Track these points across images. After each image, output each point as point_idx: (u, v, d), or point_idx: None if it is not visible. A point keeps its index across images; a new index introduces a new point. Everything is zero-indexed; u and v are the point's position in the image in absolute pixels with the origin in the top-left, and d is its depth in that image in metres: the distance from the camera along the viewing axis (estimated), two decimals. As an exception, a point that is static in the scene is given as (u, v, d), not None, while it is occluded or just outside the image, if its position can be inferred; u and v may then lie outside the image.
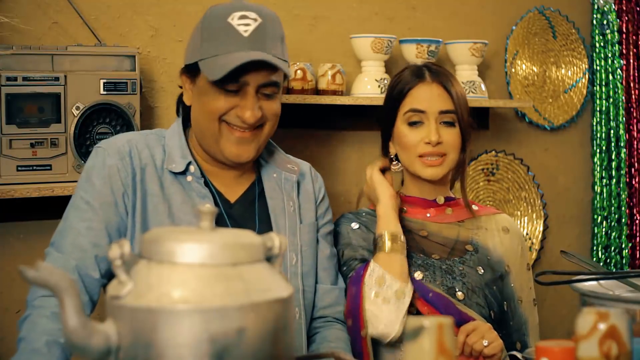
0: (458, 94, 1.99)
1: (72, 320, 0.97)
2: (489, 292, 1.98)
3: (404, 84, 2.02)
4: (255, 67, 1.74)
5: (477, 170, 3.17)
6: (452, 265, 1.99)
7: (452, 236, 2.04)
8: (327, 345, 1.86)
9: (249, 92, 1.77)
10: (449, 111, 1.98)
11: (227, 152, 1.81)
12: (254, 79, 1.76)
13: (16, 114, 2.18)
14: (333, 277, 1.98)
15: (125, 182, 1.77)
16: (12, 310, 2.31)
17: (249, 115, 1.76)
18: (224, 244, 1.01)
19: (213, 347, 0.96)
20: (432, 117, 1.98)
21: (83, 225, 1.73)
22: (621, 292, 1.46)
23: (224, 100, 1.77)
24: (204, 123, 1.81)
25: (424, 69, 2.03)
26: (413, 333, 0.99)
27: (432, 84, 2.00)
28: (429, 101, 1.99)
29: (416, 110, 1.99)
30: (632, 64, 3.39)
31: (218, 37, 1.76)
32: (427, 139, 1.97)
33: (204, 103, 1.79)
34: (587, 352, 1.05)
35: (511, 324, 2.03)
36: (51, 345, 1.60)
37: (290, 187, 1.93)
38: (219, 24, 1.77)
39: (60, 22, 2.40)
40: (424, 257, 2.00)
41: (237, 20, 1.76)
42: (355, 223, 2.07)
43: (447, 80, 2.00)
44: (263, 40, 1.76)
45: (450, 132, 1.99)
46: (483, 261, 2.01)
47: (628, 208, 3.39)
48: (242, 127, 1.79)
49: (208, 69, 1.75)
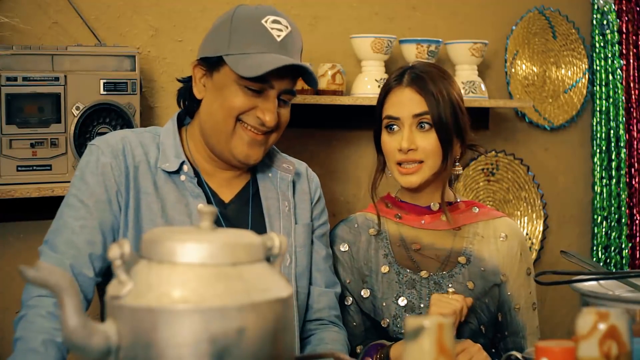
0: (437, 94, 1.92)
1: (72, 320, 0.97)
2: (478, 307, 1.95)
3: (384, 88, 2.00)
4: (282, 73, 1.76)
5: (477, 170, 3.17)
6: (441, 280, 1.96)
7: (446, 246, 2.00)
8: (325, 347, 1.85)
9: (272, 96, 1.79)
10: (423, 113, 1.92)
11: (237, 152, 1.81)
12: (279, 84, 1.78)
13: (16, 114, 2.18)
14: (328, 279, 1.97)
15: (119, 180, 1.77)
16: (12, 310, 2.31)
17: (270, 119, 1.78)
18: (224, 244, 1.01)
19: (213, 347, 0.96)
20: (406, 122, 1.93)
21: (77, 224, 1.73)
22: (621, 292, 1.46)
23: (245, 99, 1.78)
24: (218, 118, 1.80)
25: (405, 72, 1.98)
26: (413, 333, 0.99)
27: (406, 88, 1.95)
28: (402, 106, 1.94)
29: (390, 117, 1.96)
30: (632, 64, 3.39)
31: (251, 36, 1.77)
32: (399, 146, 1.93)
33: (223, 98, 1.79)
34: (587, 352, 1.05)
35: (506, 333, 2.02)
36: (48, 344, 1.60)
37: (286, 186, 1.92)
38: (251, 24, 1.78)
39: (60, 22, 2.40)
40: (411, 273, 1.97)
41: (271, 24, 1.78)
42: (344, 244, 2.05)
43: (425, 82, 1.93)
44: (291, 48, 1.80)
45: (426, 136, 1.93)
46: (474, 274, 1.97)
47: (628, 208, 3.39)
48: (258, 129, 1.79)
49: (238, 65, 1.75)
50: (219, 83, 1.80)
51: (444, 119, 1.92)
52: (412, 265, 1.98)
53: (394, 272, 1.97)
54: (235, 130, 1.80)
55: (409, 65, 2.03)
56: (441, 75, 1.98)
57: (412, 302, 1.94)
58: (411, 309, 1.94)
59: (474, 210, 2.07)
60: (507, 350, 1.99)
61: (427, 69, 1.99)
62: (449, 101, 1.94)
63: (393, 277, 1.97)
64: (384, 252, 2.01)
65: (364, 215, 2.09)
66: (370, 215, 2.08)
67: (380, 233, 2.04)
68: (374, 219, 2.06)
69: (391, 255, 2.01)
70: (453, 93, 1.96)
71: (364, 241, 2.03)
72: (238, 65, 1.75)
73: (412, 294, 1.94)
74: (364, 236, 2.04)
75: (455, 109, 1.95)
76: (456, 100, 1.96)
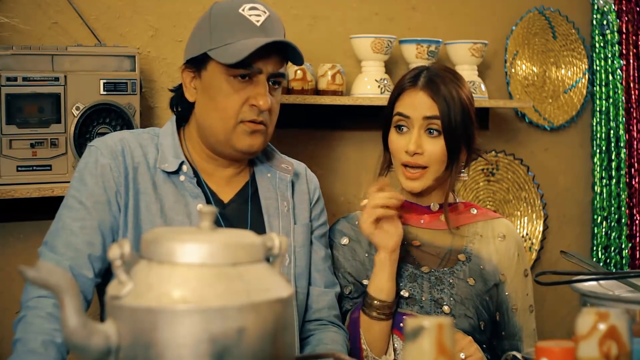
0: (449, 98, 1.92)
1: (72, 320, 0.97)
2: (479, 303, 1.96)
3: (399, 86, 2.00)
4: (267, 55, 1.77)
5: (477, 171, 3.17)
6: (442, 276, 1.97)
7: (445, 245, 2.01)
8: (324, 347, 1.85)
9: (261, 80, 1.79)
10: (433, 117, 1.92)
11: (240, 145, 1.81)
12: (266, 66, 1.78)
13: (16, 114, 2.18)
14: (327, 279, 1.97)
15: (118, 180, 1.77)
16: (12, 311, 2.31)
17: (264, 102, 1.77)
18: (224, 244, 1.01)
19: (213, 347, 0.96)
20: (416, 123, 1.93)
21: (76, 225, 1.73)
22: (621, 292, 1.46)
23: (237, 94, 1.78)
24: (215, 122, 1.80)
25: (421, 74, 1.98)
26: (413, 333, 0.99)
27: (420, 91, 1.95)
28: (415, 107, 1.94)
29: (402, 114, 1.96)
30: (632, 64, 3.39)
31: (230, 26, 1.78)
32: (406, 148, 1.94)
33: (216, 100, 1.79)
34: (587, 352, 1.05)
35: (503, 334, 2.02)
36: (47, 345, 1.60)
37: (285, 186, 1.93)
38: (230, 15, 1.79)
39: (60, 22, 2.40)
40: (413, 268, 1.98)
41: (249, 11, 1.79)
42: (344, 238, 2.06)
43: (438, 86, 1.93)
44: (273, 31, 1.79)
45: (433, 142, 1.93)
46: (475, 271, 1.98)
47: (628, 208, 3.40)
48: (256, 119, 1.79)
49: (222, 55, 1.76)
50: (208, 82, 1.80)
51: (454, 126, 1.93)
52: (412, 260, 2.00)
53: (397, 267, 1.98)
54: (235, 128, 1.80)
55: (424, 67, 2.02)
56: (455, 82, 1.97)
57: (413, 295, 1.95)
58: (412, 302, 1.95)
59: (472, 212, 2.09)
60: (503, 352, 1.99)
61: (442, 73, 1.98)
62: (460, 108, 1.94)
63: None
64: None
65: None
66: None
67: None
68: None
69: None
70: (465, 100, 1.96)
71: (365, 238, 2.03)
72: (222, 55, 1.76)
73: (414, 287, 1.95)
74: None
75: (465, 117, 1.95)
76: (467, 108, 1.96)
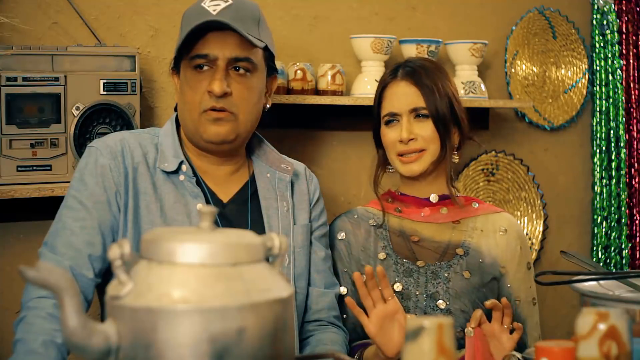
0: (431, 85, 1.99)
1: (72, 320, 0.97)
2: (476, 297, 1.97)
3: (382, 83, 2.07)
4: (223, 40, 1.78)
5: (477, 171, 3.17)
6: (439, 270, 1.98)
7: (444, 239, 2.03)
8: (324, 348, 1.86)
9: (219, 66, 1.80)
10: (419, 108, 1.99)
11: (206, 134, 1.82)
12: (223, 52, 1.79)
13: (16, 114, 2.18)
14: (327, 280, 1.97)
15: (118, 181, 1.77)
16: (12, 311, 2.31)
17: (216, 86, 1.78)
18: (224, 244, 1.01)
19: (213, 347, 0.96)
20: (404, 115, 2.00)
21: (77, 225, 1.73)
22: (621, 292, 1.46)
23: (198, 85, 1.80)
24: (185, 113, 1.84)
25: (399, 67, 2.05)
26: (413, 333, 0.99)
27: (401, 82, 2.02)
28: (399, 101, 2.01)
29: (389, 113, 2.02)
30: (632, 64, 3.39)
31: (188, 20, 1.81)
32: (399, 137, 1.99)
33: (184, 95, 1.83)
34: (587, 352, 1.05)
35: None
36: (48, 345, 1.60)
37: (284, 187, 1.93)
38: (193, 11, 1.83)
39: (60, 22, 2.40)
40: (408, 262, 2.00)
41: (209, 2, 1.81)
42: (341, 232, 2.08)
43: (419, 74, 2.01)
44: (232, 17, 1.78)
45: (424, 125, 2.00)
46: (473, 265, 2.00)
47: (628, 208, 3.39)
48: (215, 106, 1.79)
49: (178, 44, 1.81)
50: (182, 79, 1.85)
51: (440, 109, 1.99)
52: (410, 255, 2.01)
53: (392, 261, 2.00)
54: (200, 118, 1.81)
55: (401, 61, 2.10)
56: (434, 68, 2.05)
57: (409, 289, 1.95)
58: (407, 297, 1.95)
59: (474, 206, 2.10)
60: None
61: (420, 62, 2.06)
62: (444, 91, 2.01)
63: (390, 265, 2.00)
64: (383, 243, 2.05)
65: (364, 209, 2.13)
66: (371, 209, 2.12)
67: (380, 225, 2.07)
68: (374, 212, 2.10)
69: (389, 245, 2.04)
70: (447, 83, 2.03)
71: (363, 231, 2.06)
72: (178, 44, 1.81)
73: (409, 282, 1.96)
74: (363, 226, 2.08)
75: (450, 98, 2.02)
76: (450, 90, 2.03)
